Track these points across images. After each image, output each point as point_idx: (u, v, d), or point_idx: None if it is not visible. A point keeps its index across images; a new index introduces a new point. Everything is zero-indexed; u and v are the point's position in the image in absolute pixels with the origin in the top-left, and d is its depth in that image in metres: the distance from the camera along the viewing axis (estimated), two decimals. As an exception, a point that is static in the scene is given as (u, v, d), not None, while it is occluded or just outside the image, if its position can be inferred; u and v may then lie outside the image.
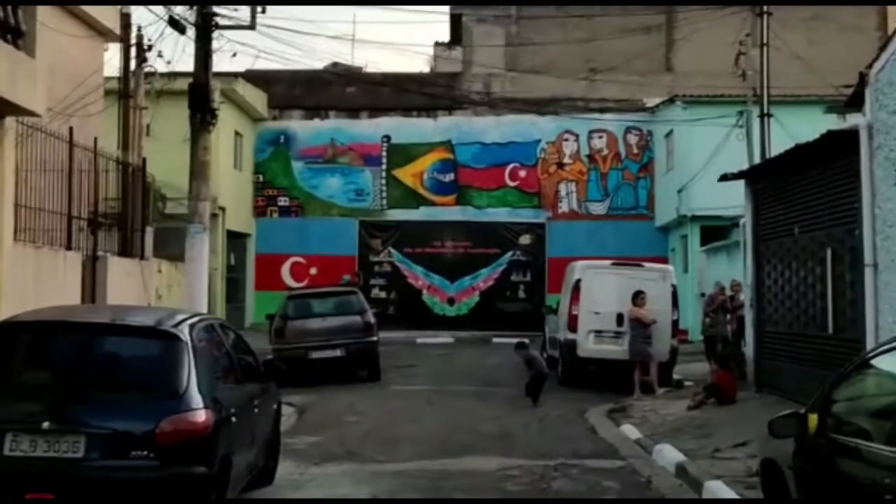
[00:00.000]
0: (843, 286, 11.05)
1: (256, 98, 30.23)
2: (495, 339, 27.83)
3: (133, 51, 16.62)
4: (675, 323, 17.22)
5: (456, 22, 33.89)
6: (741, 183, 24.16)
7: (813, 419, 5.68)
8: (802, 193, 12.18)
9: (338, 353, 17.66)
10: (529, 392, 15.29)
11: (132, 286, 15.09)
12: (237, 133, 29.47)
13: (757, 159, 22.22)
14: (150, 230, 21.56)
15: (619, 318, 17.02)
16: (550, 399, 15.49)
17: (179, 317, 7.30)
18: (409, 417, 13.90)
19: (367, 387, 17.47)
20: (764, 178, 13.66)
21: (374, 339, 18.20)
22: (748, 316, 14.53)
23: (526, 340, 16.34)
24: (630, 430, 12.64)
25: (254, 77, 30.25)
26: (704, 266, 26.36)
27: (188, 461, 6.27)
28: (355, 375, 18.35)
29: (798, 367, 12.65)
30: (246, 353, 8.64)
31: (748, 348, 14.48)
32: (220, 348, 7.72)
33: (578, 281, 17.46)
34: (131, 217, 15.85)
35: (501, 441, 12.10)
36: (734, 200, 25.83)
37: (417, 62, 56.87)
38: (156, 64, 17.10)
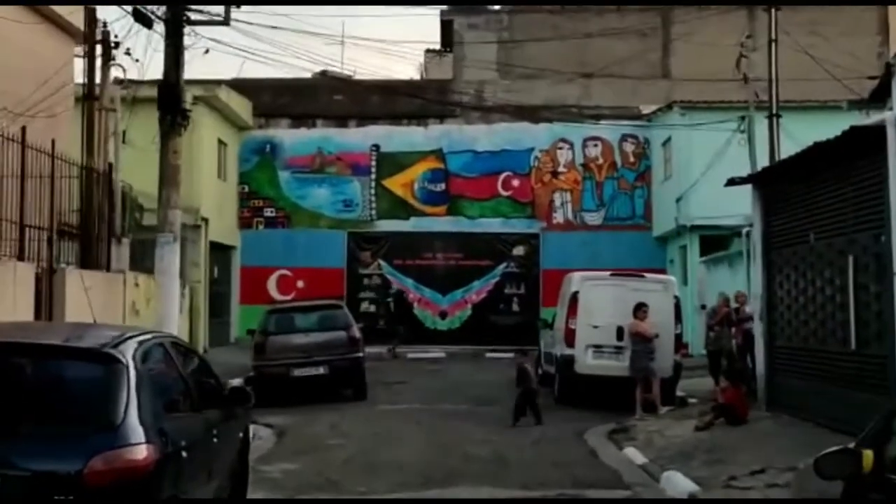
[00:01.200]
0: (867, 297, 10.11)
1: (241, 106, 29.31)
2: (488, 354, 27.12)
3: (99, 49, 15.62)
4: (678, 337, 16.28)
5: (447, 27, 33.05)
6: (744, 190, 23.24)
7: (868, 457, 4.71)
8: (820, 197, 11.25)
9: (321, 370, 16.69)
10: (517, 411, 14.30)
11: (96, 301, 14.05)
12: (221, 142, 28.53)
13: (760, 165, 21.38)
14: (126, 241, 20.68)
15: (620, 333, 16.08)
16: (546, 418, 14.51)
17: (123, 336, 6.31)
18: (395, 440, 12.92)
19: (353, 406, 16.48)
20: (775, 181, 12.74)
21: (360, 354, 17.23)
22: (758, 329, 13.58)
23: (529, 350, 15.46)
24: (634, 454, 11.69)
25: (238, 85, 29.36)
26: (705, 277, 25.45)
27: (125, 507, 5.29)
28: (340, 394, 17.37)
29: (814, 384, 11.72)
30: (206, 376, 7.66)
31: (758, 364, 13.51)
32: (171, 371, 6.73)
33: (576, 293, 16.52)
34: (97, 226, 14.82)
35: (494, 466, 11.14)
36: (735, 209, 25.06)
37: (407, 69, 55.80)
38: (124, 62, 16.10)
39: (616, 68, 30.47)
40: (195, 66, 51.77)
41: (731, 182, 13.56)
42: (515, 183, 30.48)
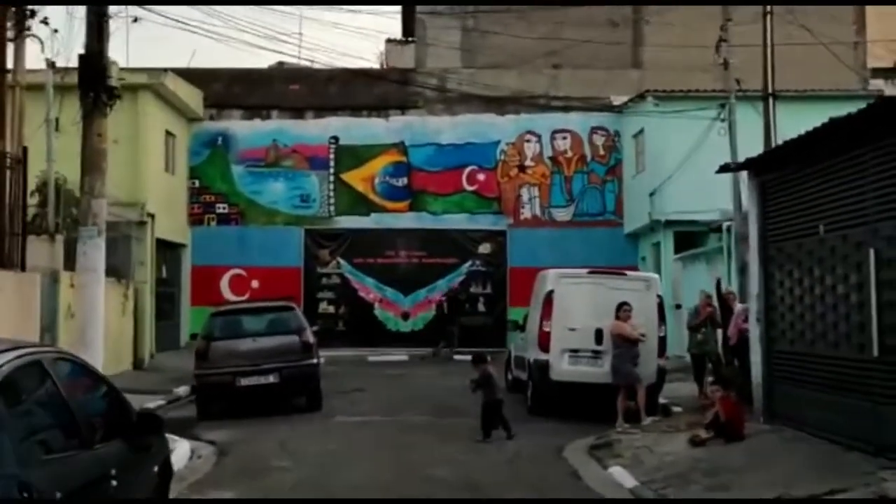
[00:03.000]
0: (892, 295, 8.78)
1: (190, 95, 27.65)
2: (455, 357, 25.73)
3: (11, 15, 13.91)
4: (661, 340, 14.92)
5: (409, 14, 31.59)
6: (722, 184, 22.19)
7: None
8: (832, 183, 9.89)
9: (270, 378, 15.13)
10: (487, 425, 12.87)
11: (4, 304, 12.45)
12: (168, 133, 26.84)
13: (742, 155, 20.13)
14: (59, 238, 19.11)
15: (598, 336, 14.71)
16: (519, 430, 13.09)
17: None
18: (350, 460, 11.42)
19: (306, 418, 14.94)
20: (776, 167, 11.39)
21: (314, 361, 15.69)
22: (754, 332, 12.23)
23: (487, 355, 13.90)
24: (621, 475, 10.30)
25: (189, 74, 27.75)
26: (680, 276, 24.21)
27: None
28: (292, 404, 15.84)
29: (822, 395, 10.39)
30: (106, 401, 6.14)
31: (755, 370, 12.18)
32: (50, 398, 5.21)
33: (551, 292, 15.12)
34: (8, 220, 13.18)
35: (463, 492, 9.69)
36: (711, 204, 23.93)
37: (368, 56, 54.19)
38: (40, 33, 14.43)
39: (585, 58, 29.32)
40: (142, 55, 49.93)
41: (725, 168, 12.24)
42: (481, 177, 29.19)
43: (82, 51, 11.64)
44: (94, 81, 11.41)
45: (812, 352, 10.66)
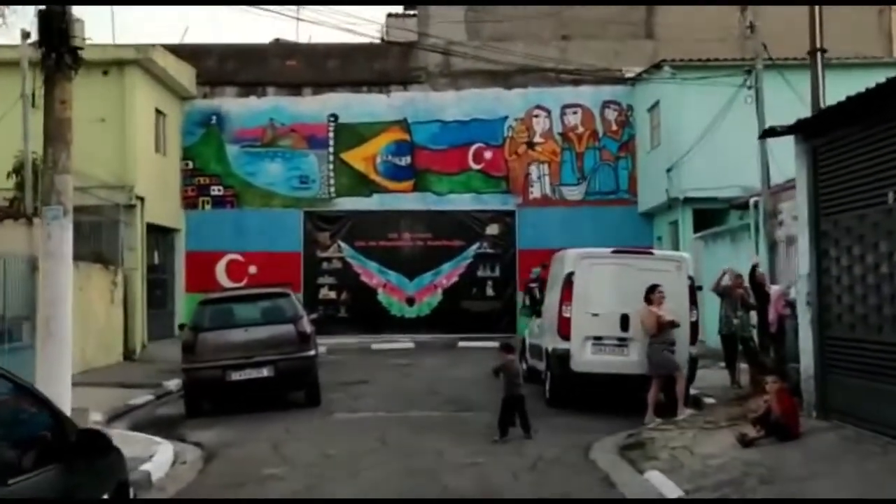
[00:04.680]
0: None
1: (182, 72, 26.30)
2: (461, 343, 24.85)
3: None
4: (693, 326, 13.55)
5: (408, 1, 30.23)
6: (745, 158, 20.95)
7: None
8: (906, 143, 8.54)
9: (264, 372, 13.82)
10: (504, 422, 11.54)
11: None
12: (159, 112, 25.50)
13: (774, 120, 18.80)
14: (37, 223, 17.79)
15: (624, 322, 13.39)
16: (538, 425, 11.78)
17: None
18: (352, 466, 10.12)
19: (303, 415, 13.62)
20: (831, 128, 10.03)
21: (312, 353, 14.35)
22: (803, 316, 10.88)
23: (513, 344, 12.59)
24: (661, 481, 8.95)
25: (180, 50, 26.43)
26: (702, 255, 22.82)
27: None
28: (288, 399, 14.54)
29: (888, 387, 9.05)
30: (30, 419, 4.82)
31: (804, 359, 10.83)
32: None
33: (571, 274, 13.75)
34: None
35: (482, 506, 8.40)
36: (733, 179, 22.65)
37: (368, 31, 52.68)
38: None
39: (596, 28, 28.00)
40: (132, 33, 48.47)
41: (770, 133, 10.81)
42: (487, 155, 27.89)
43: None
44: (56, 41, 10.06)
45: (877, 339, 9.32)
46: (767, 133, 10.86)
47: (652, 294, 12.66)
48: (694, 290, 13.61)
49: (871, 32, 28.09)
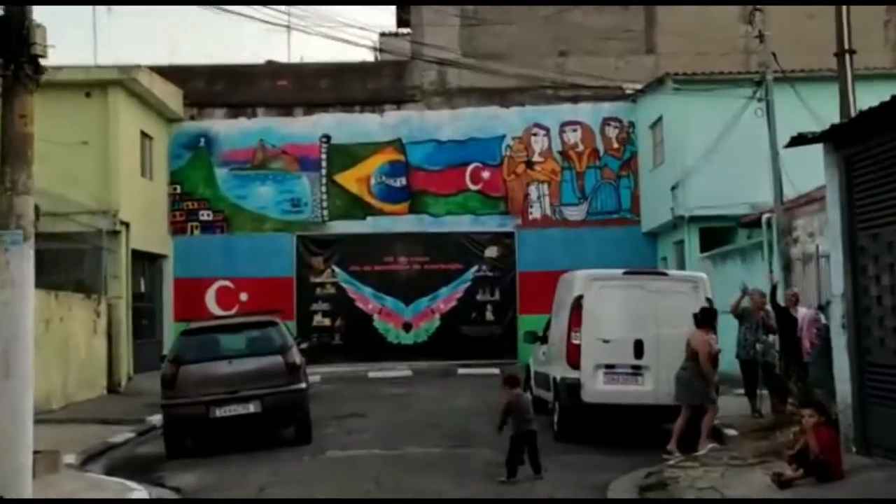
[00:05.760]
0: None
1: (169, 94, 25.45)
2: (461, 371, 24.00)
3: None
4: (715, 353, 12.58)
5: (403, 4, 29.42)
6: (754, 173, 20.13)
7: None
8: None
9: (251, 407, 12.81)
10: (513, 460, 10.52)
11: None
12: (145, 134, 24.61)
13: (782, 138, 17.95)
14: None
15: (639, 348, 12.45)
16: (547, 462, 10.81)
17: None
18: (345, 514, 9.13)
19: (293, 454, 12.61)
20: (867, 136, 9.12)
21: (302, 385, 13.36)
22: (838, 340, 9.94)
23: (517, 373, 11.47)
24: (690, 530, 7.98)
25: (166, 72, 25.63)
26: (711, 276, 21.76)
27: None
28: (277, 436, 13.54)
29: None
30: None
31: (841, 388, 9.88)
32: None
33: (579, 298, 12.81)
34: None
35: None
36: (740, 197, 21.80)
37: (360, 51, 51.96)
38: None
39: (595, 44, 27.27)
40: (117, 54, 47.80)
41: (800, 140, 9.90)
42: (485, 175, 27.00)
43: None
44: (16, 49, 9.13)
45: (927, 366, 8.37)
46: (795, 141, 9.93)
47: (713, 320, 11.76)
48: (714, 312, 12.63)
49: (877, 42, 27.37)
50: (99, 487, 10.33)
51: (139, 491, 10.16)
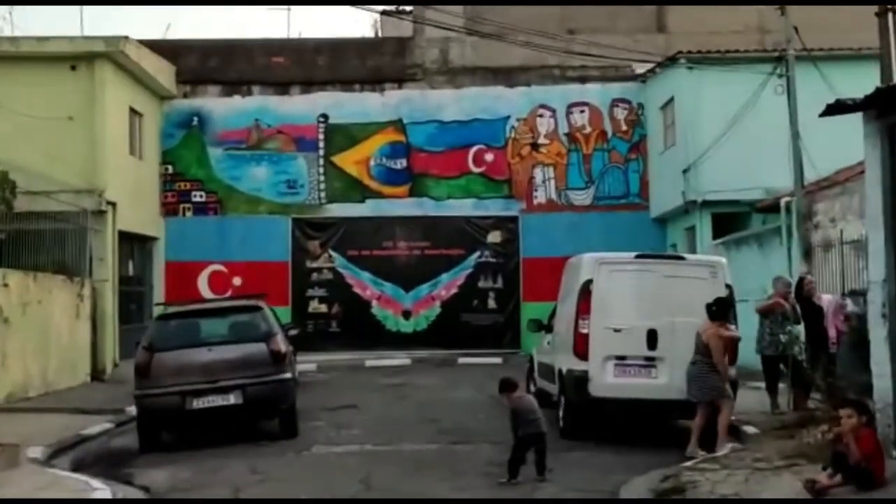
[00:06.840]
0: None
1: (160, 70, 24.48)
2: (461, 360, 23.22)
3: None
4: (734, 344, 11.58)
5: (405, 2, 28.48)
6: (769, 157, 19.20)
7: None
8: None
9: (231, 398, 11.88)
10: (516, 460, 9.55)
11: None
12: (134, 111, 23.61)
13: (803, 118, 17.03)
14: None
15: (651, 338, 11.49)
16: (554, 465, 9.82)
17: None
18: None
19: (275, 450, 11.66)
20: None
21: (288, 375, 12.41)
22: (878, 331, 8.96)
23: (513, 379, 10.40)
24: (714, 544, 7.02)
25: (159, 47, 24.68)
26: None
27: None
28: (260, 430, 12.59)
29: None
30: None
31: (879, 383, 8.90)
32: None
33: (588, 283, 11.84)
34: None
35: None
36: (754, 180, 20.86)
37: (361, 27, 50.97)
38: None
39: (604, 22, 26.29)
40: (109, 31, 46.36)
41: (835, 109, 8.90)
42: (489, 157, 26.06)
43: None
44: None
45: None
46: (832, 109, 8.93)
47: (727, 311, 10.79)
48: (733, 300, 11.65)
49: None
50: (58, 485, 9.42)
51: (102, 490, 9.23)
